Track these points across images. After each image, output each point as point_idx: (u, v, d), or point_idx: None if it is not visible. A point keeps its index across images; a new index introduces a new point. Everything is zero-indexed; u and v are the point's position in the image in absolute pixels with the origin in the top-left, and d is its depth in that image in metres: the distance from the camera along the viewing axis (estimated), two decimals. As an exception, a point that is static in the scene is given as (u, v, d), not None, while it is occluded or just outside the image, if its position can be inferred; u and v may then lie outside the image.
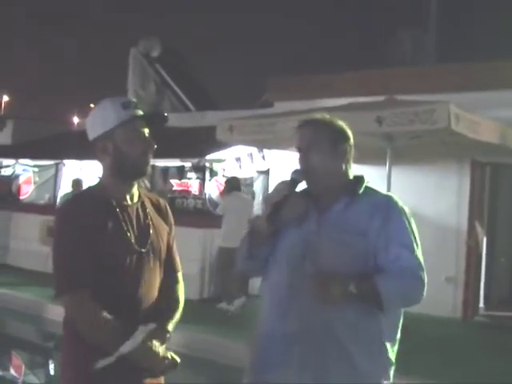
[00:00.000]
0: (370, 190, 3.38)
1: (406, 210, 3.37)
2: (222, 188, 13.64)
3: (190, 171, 14.79)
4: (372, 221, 3.21)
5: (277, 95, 14.97)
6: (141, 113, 3.19)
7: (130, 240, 3.11)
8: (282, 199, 3.23)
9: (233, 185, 12.66)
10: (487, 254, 13.04)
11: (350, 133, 3.44)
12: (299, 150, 3.37)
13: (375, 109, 9.61)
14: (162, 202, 3.46)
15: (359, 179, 3.40)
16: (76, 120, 37.17)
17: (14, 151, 19.32)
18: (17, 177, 19.00)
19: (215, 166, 14.56)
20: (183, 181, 14.92)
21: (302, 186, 3.37)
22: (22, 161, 18.68)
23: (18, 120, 21.98)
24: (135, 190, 3.26)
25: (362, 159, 13.30)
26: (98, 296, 3.01)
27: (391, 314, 3.29)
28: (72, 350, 3.12)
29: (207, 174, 14.50)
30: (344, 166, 3.38)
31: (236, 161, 14.53)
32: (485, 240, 12.85)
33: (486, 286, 12.98)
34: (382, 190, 10.94)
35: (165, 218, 3.37)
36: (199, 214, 13.85)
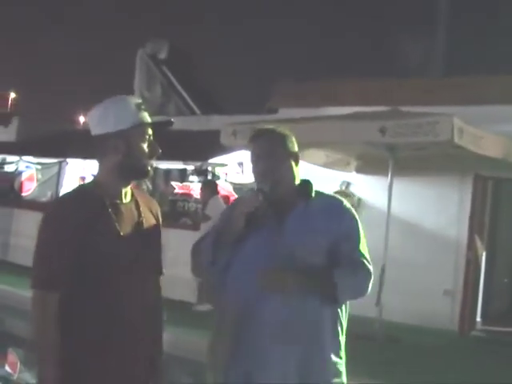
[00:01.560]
0: (318, 193, 3.63)
1: (351, 208, 3.63)
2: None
3: (192, 174, 14.80)
4: (329, 221, 3.49)
5: (281, 102, 14.97)
6: (148, 118, 3.22)
7: (123, 238, 3.12)
8: (254, 209, 3.42)
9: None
10: (486, 269, 13.00)
11: (295, 140, 3.67)
12: (258, 158, 3.58)
13: (379, 119, 9.62)
14: (154, 203, 3.49)
15: (308, 183, 3.64)
16: (81, 119, 37.15)
17: (18, 148, 19.34)
18: (19, 174, 19.01)
19: (217, 170, 14.57)
20: (185, 184, 14.92)
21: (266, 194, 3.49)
22: (25, 158, 18.69)
23: (23, 117, 21.97)
24: (128, 190, 3.27)
25: (364, 169, 13.42)
26: (91, 294, 3.04)
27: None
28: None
29: (209, 177, 14.50)
30: (296, 171, 3.61)
31: (239, 165, 14.54)
32: (484, 254, 12.82)
33: (483, 301, 12.94)
34: (384, 200, 10.88)
35: (156, 219, 3.39)
36: (199, 218, 13.83)
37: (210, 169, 14.48)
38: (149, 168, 3.23)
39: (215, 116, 16.77)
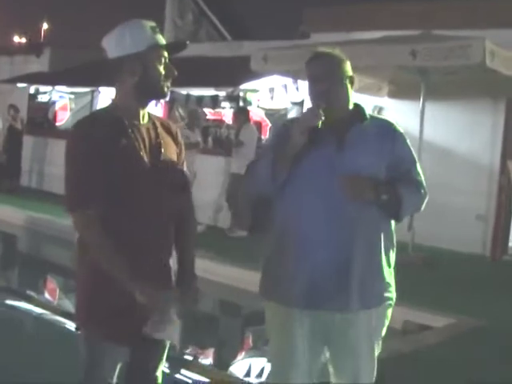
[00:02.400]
0: (370, 116, 3.72)
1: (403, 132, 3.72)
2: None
3: (224, 101, 14.80)
4: (383, 142, 3.58)
5: (313, 27, 14.80)
6: (163, 40, 3.25)
7: (143, 157, 3.17)
8: (315, 124, 3.45)
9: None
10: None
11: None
12: (316, 79, 3.61)
13: (410, 42, 9.54)
14: (172, 124, 3.51)
15: (360, 106, 3.71)
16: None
17: (51, 78, 19.41)
18: (53, 103, 19.13)
19: (249, 96, 14.54)
20: (217, 110, 14.93)
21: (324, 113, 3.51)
22: (58, 88, 18.78)
23: (56, 47, 21.98)
24: (146, 112, 3.31)
25: (396, 94, 13.32)
26: (115, 213, 3.10)
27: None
28: (86, 268, 3.21)
29: (241, 103, 14.49)
30: (351, 95, 3.66)
31: (270, 91, 14.50)
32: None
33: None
34: (416, 125, 10.82)
35: (175, 139, 3.42)
36: (231, 143, 13.87)
37: (241, 95, 14.46)
38: (165, 89, 3.25)
39: (246, 42, 16.64)
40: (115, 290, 3.09)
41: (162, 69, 3.21)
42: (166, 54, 3.24)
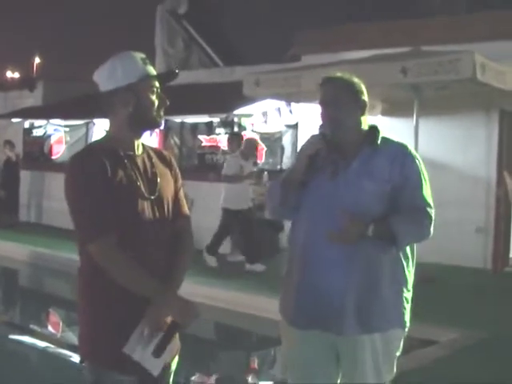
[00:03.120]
0: (385, 140, 3.67)
1: (416, 154, 3.69)
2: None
3: (219, 127, 14.83)
4: (392, 168, 3.56)
5: (303, 49, 14.87)
6: (154, 71, 3.29)
7: (140, 188, 3.18)
8: (316, 152, 3.54)
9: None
10: (517, 204, 12.97)
11: (364, 88, 3.71)
12: (324, 104, 3.66)
13: (400, 60, 9.60)
14: (166, 153, 3.55)
15: (375, 129, 3.69)
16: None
17: (45, 112, 19.46)
18: (48, 137, 19.15)
19: (243, 121, 14.59)
20: (212, 136, 14.97)
21: (329, 139, 3.59)
22: (53, 121, 18.82)
23: (49, 81, 22.06)
24: (140, 142, 3.34)
25: (389, 112, 13.36)
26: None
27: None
28: (88, 299, 3.21)
29: (236, 129, 14.53)
30: (363, 119, 3.67)
31: (263, 115, 14.54)
32: (514, 189, 12.77)
33: (516, 236, 12.92)
34: (410, 141, 10.87)
35: (170, 168, 3.44)
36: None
37: (235, 120, 14.51)
38: (159, 118, 3.29)
39: (238, 67, 16.73)
40: (118, 320, 3.10)
41: (154, 99, 3.24)
42: (157, 83, 3.28)
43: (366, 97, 3.68)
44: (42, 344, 7.84)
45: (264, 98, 12.97)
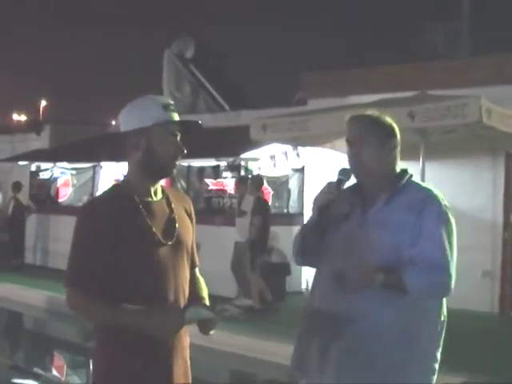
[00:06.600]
0: (412, 184, 3.50)
1: (445, 202, 3.45)
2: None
3: (226, 170, 14.86)
4: (409, 215, 3.32)
5: (310, 93, 15.00)
6: (177, 117, 3.23)
7: (155, 234, 3.15)
8: (328, 202, 3.40)
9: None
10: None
11: (397, 129, 3.52)
12: (348, 143, 3.49)
13: (407, 104, 9.63)
14: (186, 198, 3.54)
15: (402, 174, 3.50)
16: (113, 122, 37.44)
17: (52, 155, 19.54)
18: (55, 180, 19.19)
19: (250, 165, 14.63)
20: (218, 180, 15.00)
21: (348, 183, 3.51)
22: (59, 164, 18.88)
23: (55, 124, 22.20)
24: (158, 187, 3.31)
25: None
26: (130, 289, 3.10)
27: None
28: (103, 353, 3.20)
29: (242, 172, 14.57)
30: (391, 162, 3.49)
31: (270, 159, 14.59)
32: (521, 233, 12.75)
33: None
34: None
35: (189, 214, 3.42)
36: (234, 213, 13.91)
37: (242, 164, 14.55)
38: (171, 167, 3.24)
39: (244, 111, 16.83)
40: (132, 359, 3.09)
41: (168, 146, 3.18)
42: (175, 132, 3.21)
43: (397, 138, 3.50)
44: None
45: (271, 142, 13.03)
